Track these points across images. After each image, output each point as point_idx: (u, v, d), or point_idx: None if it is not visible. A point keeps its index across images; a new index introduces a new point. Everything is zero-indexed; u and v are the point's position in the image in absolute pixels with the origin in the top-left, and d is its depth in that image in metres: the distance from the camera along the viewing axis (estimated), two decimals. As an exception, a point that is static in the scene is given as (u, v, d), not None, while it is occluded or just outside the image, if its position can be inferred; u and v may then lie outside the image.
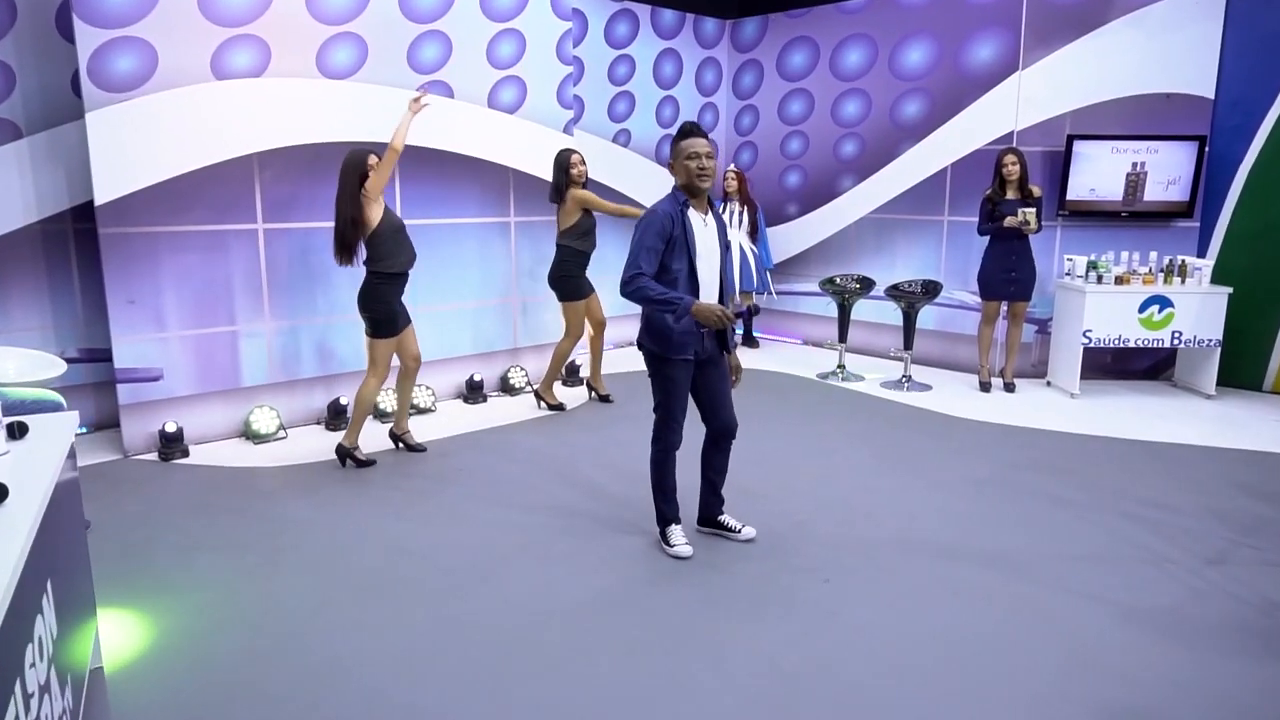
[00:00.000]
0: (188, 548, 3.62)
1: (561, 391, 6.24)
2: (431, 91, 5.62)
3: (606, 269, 6.15)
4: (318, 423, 5.41)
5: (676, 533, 3.54)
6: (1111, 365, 6.73)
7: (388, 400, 5.55)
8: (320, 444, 5.05)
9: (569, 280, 5.66)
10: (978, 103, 6.71)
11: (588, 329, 5.88)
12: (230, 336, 5.04)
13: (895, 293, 6.46)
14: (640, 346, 3.46)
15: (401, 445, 4.92)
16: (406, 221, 5.58)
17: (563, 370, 6.03)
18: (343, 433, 5.24)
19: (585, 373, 6.31)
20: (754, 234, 7.63)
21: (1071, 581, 3.33)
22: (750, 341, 8.07)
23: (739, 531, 3.65)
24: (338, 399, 5.35)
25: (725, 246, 3.42)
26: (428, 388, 5.76)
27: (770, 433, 5.22)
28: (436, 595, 3.20)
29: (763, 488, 4.28)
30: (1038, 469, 4.67)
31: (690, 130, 3.30)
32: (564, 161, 5.51)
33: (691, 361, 3.38)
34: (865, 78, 7.42)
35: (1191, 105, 6.30)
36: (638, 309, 3.43)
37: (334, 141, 5.18)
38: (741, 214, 7.56)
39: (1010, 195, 6.08)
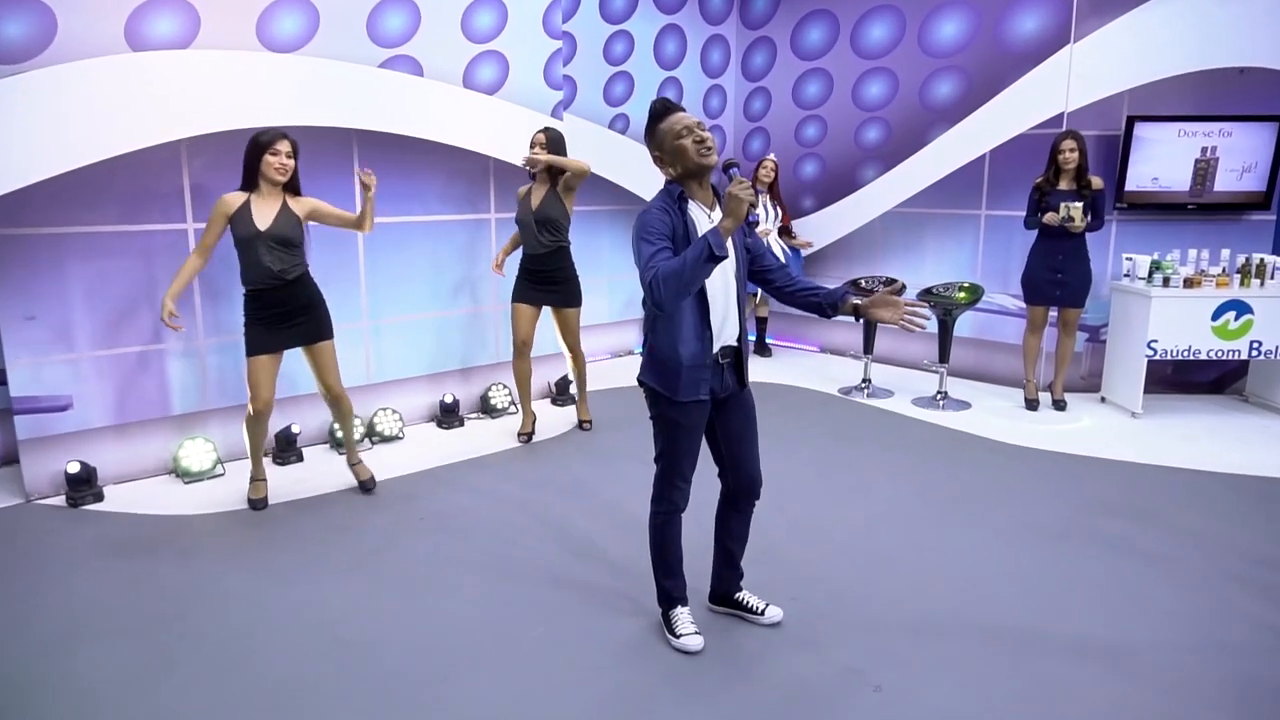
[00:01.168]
0: (68, 634, 2.87)
1: (548, 412, 5.49)
2: (396, 69, 4.85)
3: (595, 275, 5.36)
4: (265, 454, 4.65)
5: (683, 618, 2.78)
6: (1172, 377, 5.95)
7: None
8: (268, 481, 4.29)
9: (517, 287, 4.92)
10: (1021, 81, 5.92)
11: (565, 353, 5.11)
12: (156, 356, 4.28)
13: (930, 297, 5.68)
14: (641, 384, 2.69)
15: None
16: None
17: (541, 388, 5.26)
18: (294, 466, 4.52)
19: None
20: (784, 233, 6.85)
21: (1197, 683, 2.56)
22: (762, 349, 7.29)
23: (761, 614, 2.89)
24: (288, 426, 4.59)
25: (741, 245, 2.65)
26: (394, 411, 5.00)
27: (791, 466, 4.45)
28: (372, 714, 2.44)
29: (787, 544, 3.52)
30: (1113, 512, 3.90)
31: (667, 106, 2.55)
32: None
33: (707, 402, 2.62)
34: (891, 55, 6.63)
35: (1270, 80, 5.50)
36: (635, 313, 2.63)
37: (278, 126, 4.41)
38: (775, 209, 6.76)
39: (1064, 185, 5.30)
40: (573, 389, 5.39)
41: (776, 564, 3.31)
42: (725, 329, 2.59)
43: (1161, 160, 5.57)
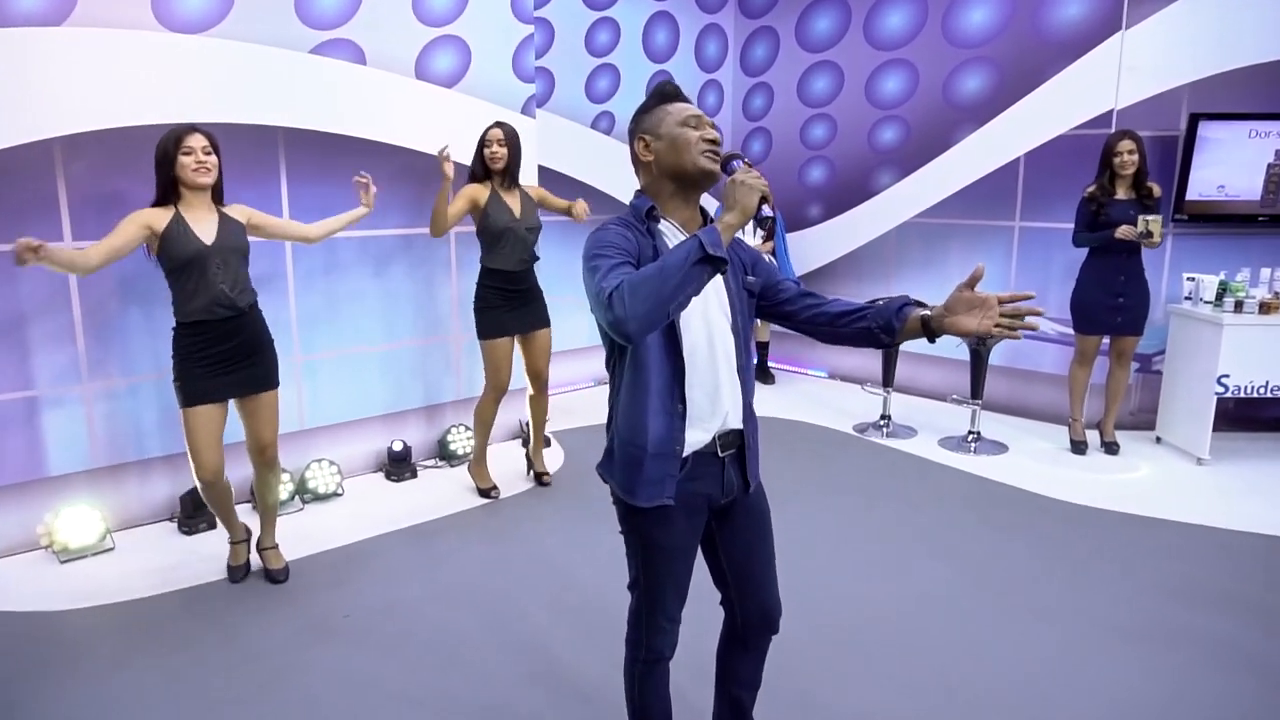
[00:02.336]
0: None
1: (519, 458, 4.70)
2: (332, 56, 4.06)
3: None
4: (169, 519, 3.86)
5: (673, 804, 2.00)
6: (1234, 412, 5.19)
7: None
8: (165, 559, 3.51)
9: (478, 311, 4.07)
10: (1063, 74, 5.16)
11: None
12: (25, 406, 3.47)
13: (960, 323, 4.92)
14: (603, 479, 1.92)
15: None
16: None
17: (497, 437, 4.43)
18: (203, 536, 3.73)
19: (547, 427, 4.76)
20: (767, 241, 6.07)
21: None
22: (765, 376, 6.52)
23: (781, 788, 2.11)
24: (194, 488, 3.79)
25: (739, 285, 1.87)
26: (330, 463, 4.21)
27: (807, 535, 3.68)
28: None
29: (807, 656, 2.73)
30: (1202, 600, 3.13)
31: (673, 92, 1.81)
32: (481, 141, 4.00)
33: (697, 514, 1.85)
34: (911, 45, 5.86)
35: (1355, 74, 4.77)
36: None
37: (179, 124, 3.63)
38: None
39: (1122, 194, 4.54)
40: (527, 440, 4.56)
41: (795, 690, 2.53)
42: (719, 403, 1.81)
43: (1229, 165, 4.82)
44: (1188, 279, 4.83)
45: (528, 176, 4.87)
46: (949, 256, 5.84)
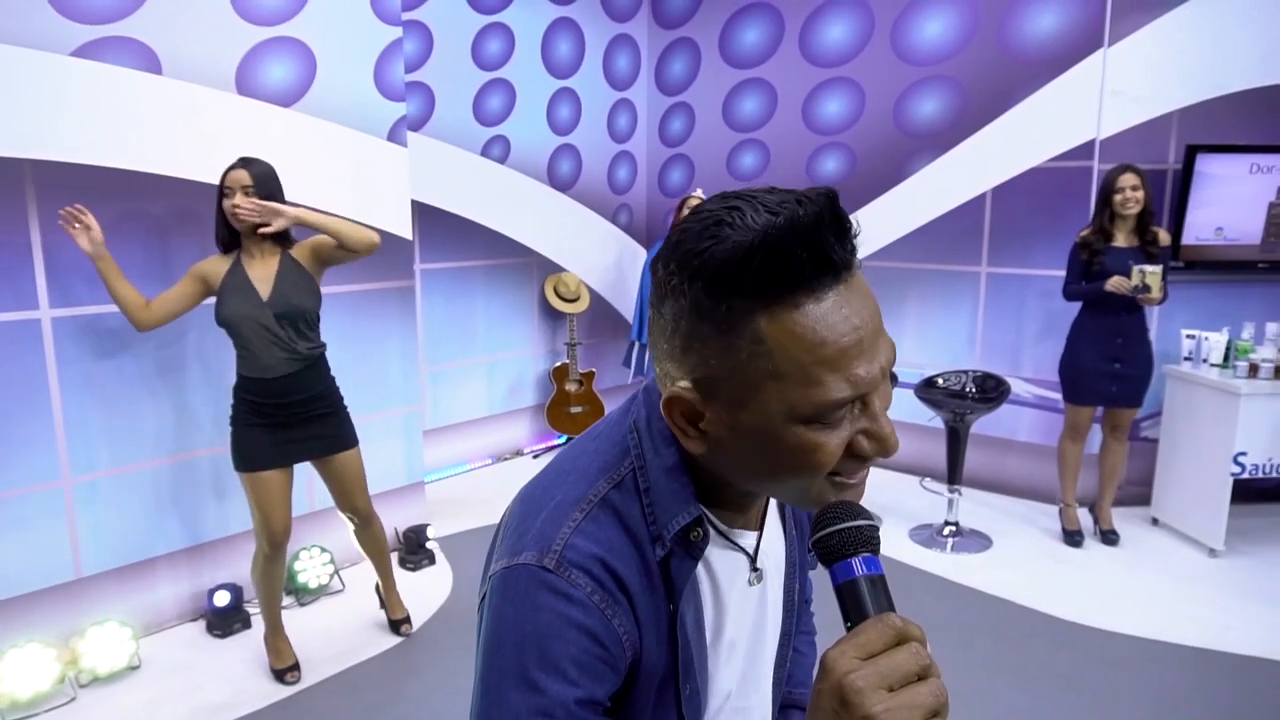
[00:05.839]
0: None
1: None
2: (107, 61, 2.92)
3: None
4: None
5: None
6: (1239, 484, 4.54)
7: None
8: None
9: (232, 431, 2.86)
10: (1036, 96, 4.44)
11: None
12: None
13: (935, 395, 4.12)
14: None
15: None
16: (57, 311, 2.93)
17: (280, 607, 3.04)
18: None
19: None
20: None
21: None
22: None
23: None
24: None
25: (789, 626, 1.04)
26: (121, 624, 3.01)
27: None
28: None
29: None
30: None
31: (795, 260, 0.70)
32: (219, 188, 2.76)
33: None
34: (856, 61, 5.06)
35: (1361, 101, 4.21)
36: (521, 402, 0.99)
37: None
38: None
39: (1121, 240, 3.83)
40: (373, 574, 3.38)
41: None
42: None
43: (1227, 204, 4.19)
44: (1187, 336, 4.16)
45: (399, 214, 3.81)
46: (905, 306, 5.05)
